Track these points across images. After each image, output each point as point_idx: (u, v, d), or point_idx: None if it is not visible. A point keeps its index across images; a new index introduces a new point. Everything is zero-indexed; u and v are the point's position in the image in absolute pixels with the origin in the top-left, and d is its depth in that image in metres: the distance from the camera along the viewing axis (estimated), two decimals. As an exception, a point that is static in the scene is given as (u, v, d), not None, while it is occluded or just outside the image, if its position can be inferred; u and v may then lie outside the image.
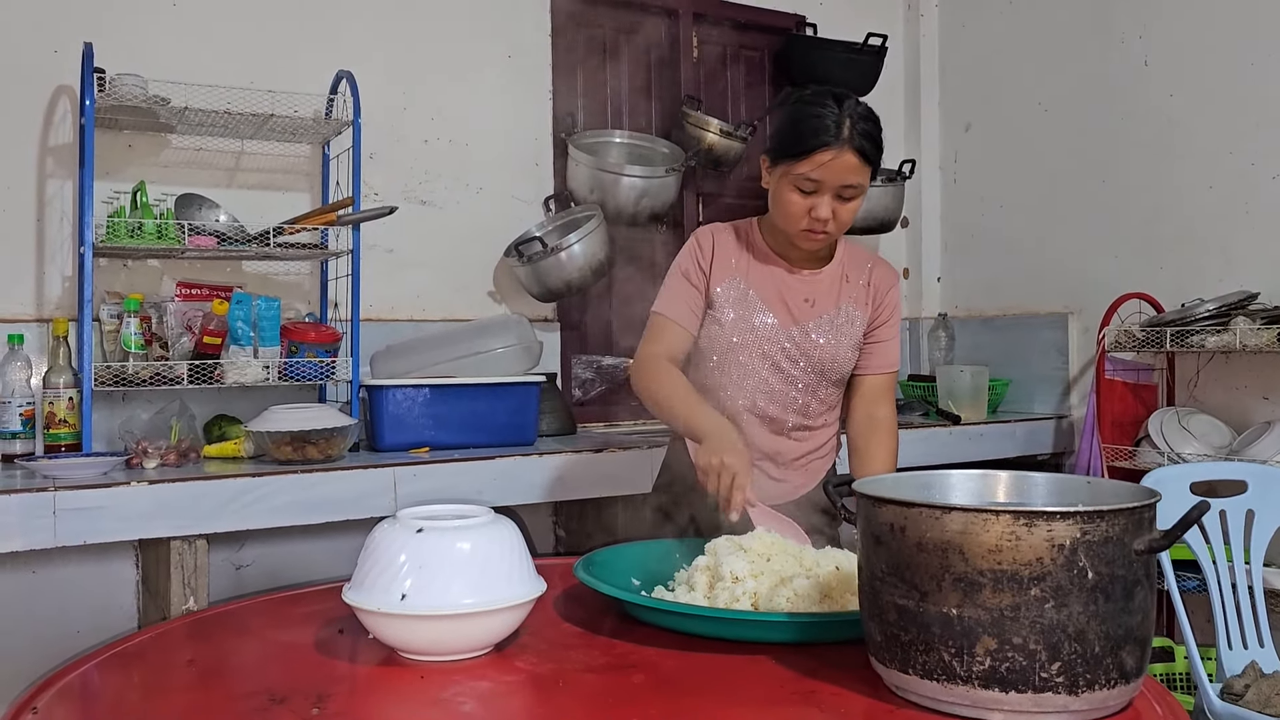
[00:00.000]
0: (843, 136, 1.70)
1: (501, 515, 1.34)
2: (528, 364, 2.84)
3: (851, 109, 1.72)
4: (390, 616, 1.23)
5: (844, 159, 1.71)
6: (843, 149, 1.70)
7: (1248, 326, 2.81)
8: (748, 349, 1.85)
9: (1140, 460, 3.03)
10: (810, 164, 1.71)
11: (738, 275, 1.87)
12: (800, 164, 1.72)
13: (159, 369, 2.47)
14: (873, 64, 3.70)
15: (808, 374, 1.87)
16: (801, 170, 1.72)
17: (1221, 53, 3.13)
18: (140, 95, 2.51)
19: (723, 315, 1.86)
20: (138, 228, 2.49)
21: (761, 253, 1.89)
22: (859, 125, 1.71)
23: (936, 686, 1.06)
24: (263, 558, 2.83)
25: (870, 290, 1.90)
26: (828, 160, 1.70)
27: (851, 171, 1.72)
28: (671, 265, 1.93)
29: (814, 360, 1.86)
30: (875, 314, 1.90)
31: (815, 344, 1.85)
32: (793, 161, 1.73)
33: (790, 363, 1.86)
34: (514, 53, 3.28)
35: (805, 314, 1.86)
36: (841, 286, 1.88)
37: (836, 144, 1.70)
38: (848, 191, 1.74)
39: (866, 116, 1.73)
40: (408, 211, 3.04)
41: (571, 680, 1.21)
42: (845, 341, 1.87)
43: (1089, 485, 1.23)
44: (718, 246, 1.89)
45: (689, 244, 1.92)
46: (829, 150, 1.70)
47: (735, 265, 1.88)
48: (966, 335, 3.90)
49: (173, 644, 1.43)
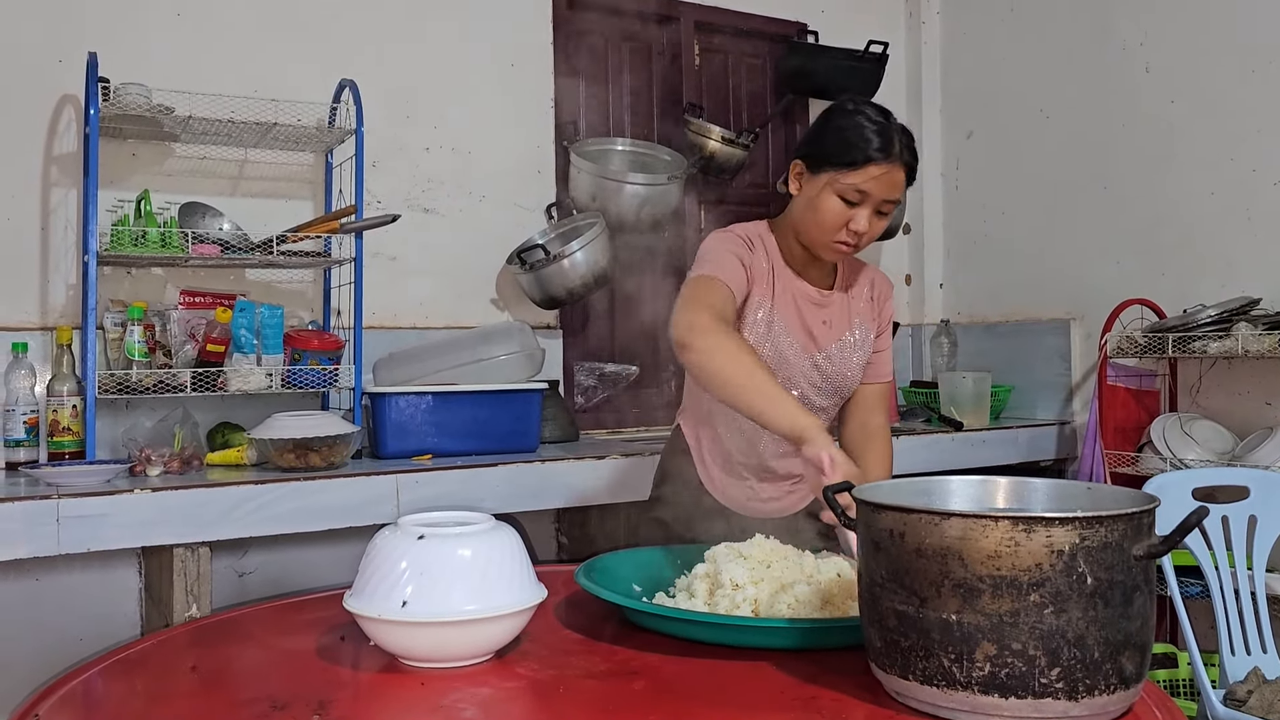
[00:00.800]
0: (894, 151, 1.68)
1: (502, 522, 1.35)
2: (530, 371, 2.85)
3: (897, 124, 1.72)
4: (391, 623, 1.24)
5: (894, 174, 1.69)
6: (895, 164, 1.69)
7: (1249, 332, 2.81)
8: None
9: (1143, 466, 3.03)
10: (862, 175, 1.68)
11: (765, 298, 1.80)
12: (851, 174, 1.68)
13: (162, 377, 2.48)
14: (874, 71, 3.70)
15: (827, 395, 1.86)
16: (852, 180, 1.68)
17: (1222, 59, 3.14)
18: (144, 104, 2.53)
19: (747, 335, 1.79)
20: (141, 236, 2.50)
21: (781, 270, 1.83)
22: (905, 140, 1.71)
23: (936, 692, 1.07)
24: (266, 565, 2.84)
25: (875, 305, 1.90)
26: (880, 174, 1.68)
27: (896, 188, 1.71)
28: (710, 244, 1.78)
29: (834, 381, 1.85)
30: (878, 326, 1.90)
31: (834, 365, 1.84)
32: (843, 170, 1.69)
33: (812, 388, 1.84)
34: (516, 61, 3.30)
35: (826, 337, 1.84)
36: (851, 304, 1.87)
37: (889, 158, 1.68)
38: (887, 206, 1.72)
39: (907, 132, 1.73)
40: (410, 219, 3.05)
41: (572, 686, 1.22)
42: (857, 360, 1.86)
43: (1089, 491, 1.23)
44: (756, 253, 1.79)
45: (731, 236, 1.79)
46: (884, 164, 1.68)
47: (765, 279, 1.80)
48: (969, 341, 3.90)
49: (175, 651, 1.43)
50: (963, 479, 1.28)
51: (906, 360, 4.05)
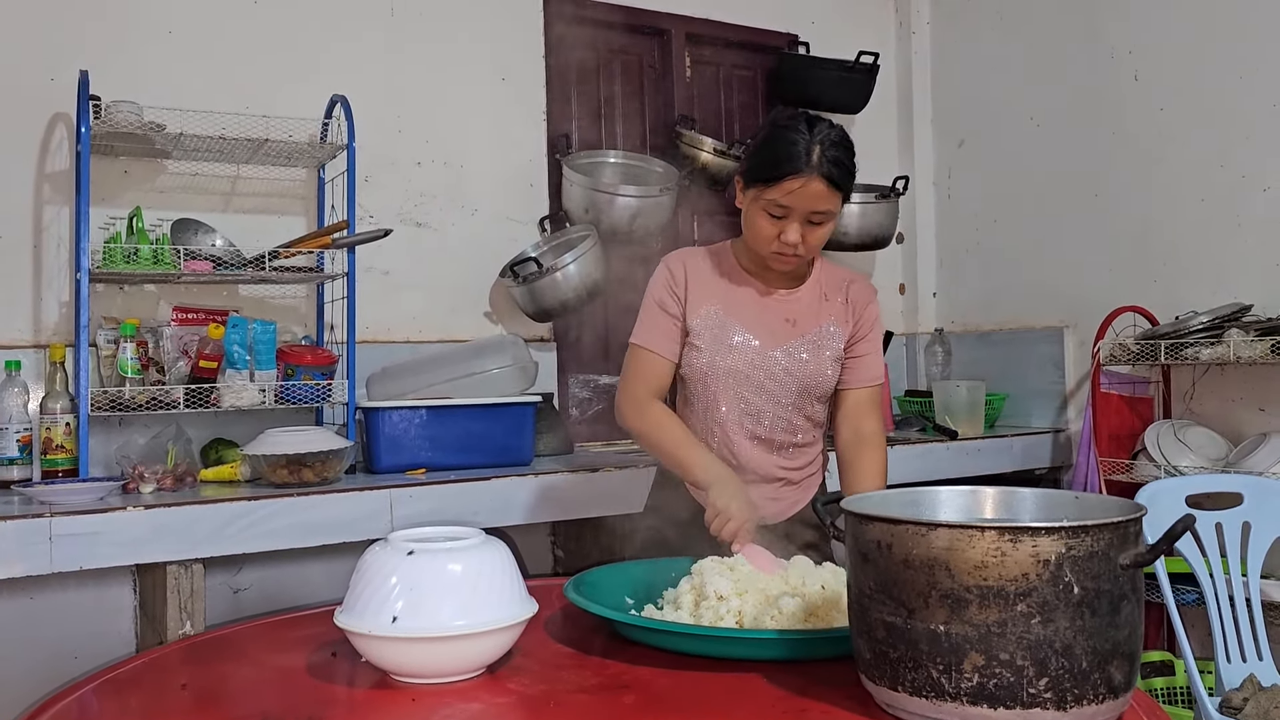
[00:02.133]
0: (811, 164, 1.71)
1: (493, 537, 1.35)
2: (523, 384, 2.85)
3: (823, 135, 1.73)
4: (382, 639, 1.24)
5: (812, 187, 1.72)
6: (811, 176, 1.71)
7: (1241, 338, 2.82)
8: (731, 373, 1.86)
9: (1138, 474, 3.03)
10: (779, 190, 1.73)
11: (715, 301, 1.88)
12: (770, 190, 1.73)
13: (155, 393, 2.48)
14: (865, 82, 3.72)
15: (792, 393, 1.88)
16: (771, 196, 1.74)
17: (1210, 66, 3.15)
18: (136, 122, 2.53)
19: (703, 342, 1.87)
20: (134, 253, 2.51)
21: (737, 275, 1.90)
22: (829, 152, 1.72)
23: (925, 704, 1.07)
24: (261, 581, 2.83)
25: (849, 307, 1.91)
26: (796, 188, 1.72)
27: (820, 199, 1.73)
28: (645, 295, 1.93)
29: (798, 379, 1.87)
30: (855, 329, 1.91)
31: (798, 363, 1.86)
32: (763, 187, 1.75)
33: (775, 383, 1.87)
34: (508, 75, 3.31)
35: (787, 334, 1.88)
36: (821, 305, 1.90)
37: (805, 171, 1.71)
38: (816, 217, 1.76)
39: (838, 143, 1.74)
40: (403, 234, 3.06)
41: (563, 701, 1.22)
42: (827, 358, 1.88)
43: (1076, 500, 1.23)
44: (690, 272, 1.90)
45: (660, 272, 1.92)
46: (798, 178, 1.71)
47: (711, 290, 1.89)
48: (963, 350, 3.90)
49: (167, 668, 1.43)
50: (951, 489, 1.28)
51: (901, 369, 4.05)
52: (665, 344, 1.88)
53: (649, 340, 1.89)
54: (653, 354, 1.88)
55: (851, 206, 3.60)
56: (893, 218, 3.72)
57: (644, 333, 1.90)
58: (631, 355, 1.91)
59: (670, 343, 1.88)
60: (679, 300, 1.88)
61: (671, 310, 1.89)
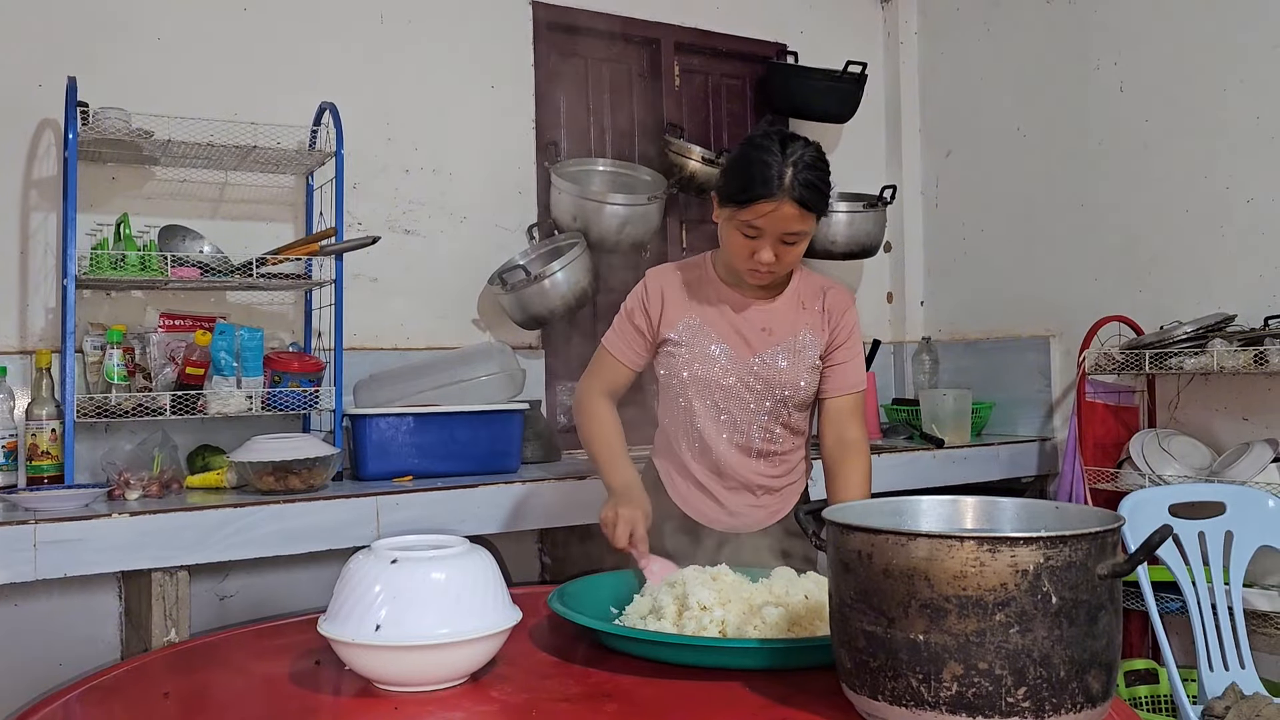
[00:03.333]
0: (783, 187, 1.71)
1: (477, 545, 1.35)
2: (511, 391, 2.85)
3: (796, 157, 1.73)
4: (365, 648, 1.24)
5: (783, 210, 1.73)
6: (782, 200, 1.72)
7: (1225, 348, 2.84)
8: (708, 382, 1.88)
9: (1123, 483, 3.04)
10: (751, 213, 1.74)
11: (691, 313, 1.91)
12: (742, 211, 1.75)
13: (141, 400, 2.47)
14: (853, 91, 3.74)
15: (770, 401, 1.89)
16: (744, 217, 1.75)
17: (1194, 78, 3.18)
18: (123, 129, 2.53)
19: (681, 351, 1.89)
20: (121, 259, 2.50)
21: (714, 286, 1.92)
22: (801, 175, 1.72)
23: (905, 713, 1.07)
24: (247, 588, 2.83)
25: (825, 315, 1.92)
26: (768, 211, 1.73)
27: (791, 221, 1.74)
28: (623, 304, 1.99)
29: (774, 386, 1.88)
30: (832, 337, 1.91)
31: (775, 370, 1.87)
32: (735, 208, 1.76)
33: (751, 392, 1.88)
34: (496, 82, 3.32)
35: (763, 342, 1.89)
36: (799, 313, 1.91)
37: (777, 195, 1.71)
38: (789, 238, 1.77)
39: (811, 164, 1.74)
40: (391, 241, 3.06)
41: (545, 710, 1.22)
42: (804, 366, 1.89)
43: (1056, 510, 1.24)
44: (666, 289, 1.93)
45: (638, 287, 1.97)
46: (769, 201, 1.72)
47: (687, 304, 1.91)
48: (950, 359, 3.92)
49: (149, 677, 1.42)
50: (933, 499, 1.29)
51: (888, 378, 4.06)
52: (627, 352, 1.95)
53: (613, 345, 1.97)
54: (614, 358, 1.96)
55: (840, 215, 3.61)
56: (880, 227, 3.74)
57: (611, 336, 1.98)
58: (597, 354, 2.00)
59: (631, 352, 1.95)
60: (649, 317, 1.93)
61: (638, 323, 1.94)
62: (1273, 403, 2.97)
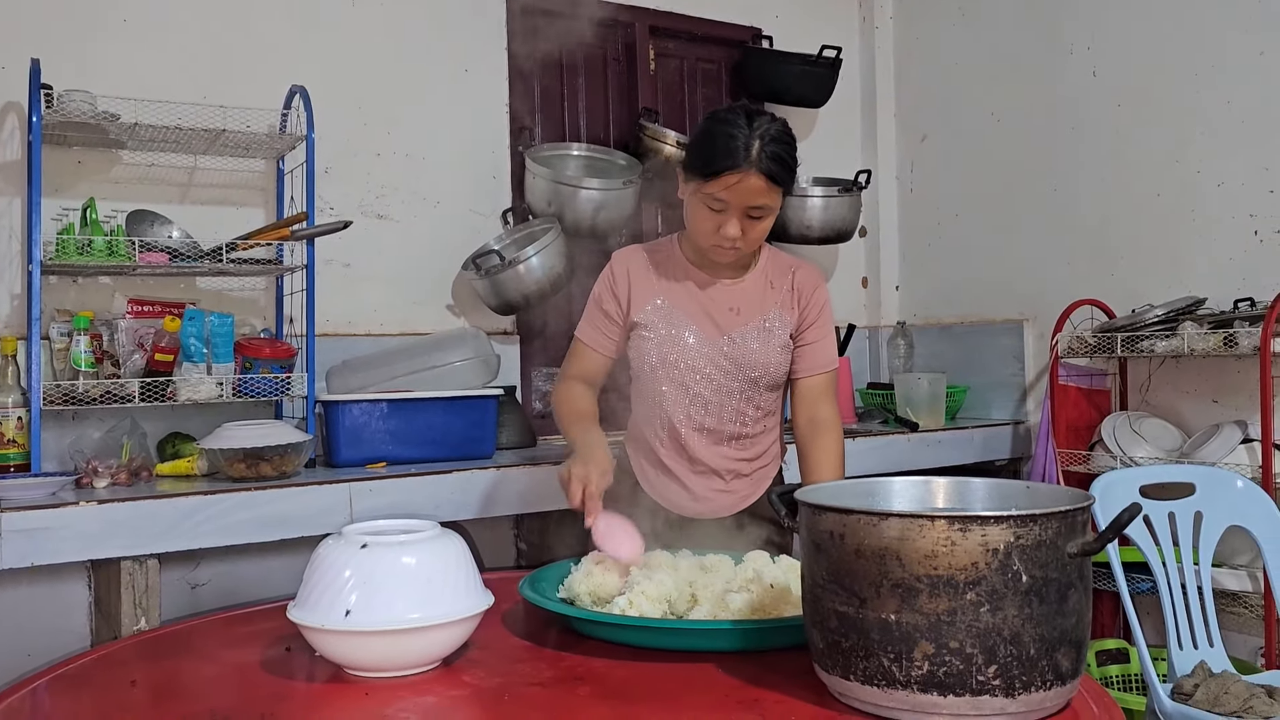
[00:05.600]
0: (750, 158, 1.71)
1: (448, 530, 1.34)
2: (485, 377, 2.84)
3: (763, 129, 1.72)
4: (335, 633, 1.23)
5: (750, 181, 1.72)
6: (749, 171, 1.71)
7: (1195, 331, 2.86)
8: (677, 364, 1.87)
9: (1095, 464, 3.07)
10: (718, 185, 1.73)
11: (658, 294, 1.90)
12: (708, 184, 1.74)
13: (110, 387, 2.44)
14: (828, 76, 3.73)
15: (740, 382, 1.88)
16: (709, 190, 1.74)
17: (1165, 64, 3.19)
18: (89, 111, 2.49)
19: (649, 334, 1.89)
20: (87, 245, 2.47)
21: (681, 266, 1.91)
22: (768, 147, 1.72)
23: (877, 692, 1.08)
24: (219, 576, 2.80)
25: (795, 294, 1.91)
26: (734, 182, 1.72)
27: (758, 194, 1.73)
28: (591, 290, 1.98)
29: (744, 367, 1.87)
30: (802, 316, 1.91)
31: (745, 351, 1.87)
32: (702, 180, 1.75)
33: (721, 373, 1.88)
34: (470, 66, 3.29)
35: (732, 323, 1.88)
36: (767, 293, 1.90)
37: (743, 166, 1.71)
38: (755, 211, 1.76)
39: (778, 138, 1.74)
40: (364, 226, 3.03)
41: (517, 694, 1.21)
42: (774, 346, 1.88)
43: (1027, 490, 1.24)
44: (633, 270, 1.92)
45: (605, 271, 1.96)
46: (736, 173, 1.71)
47: (655, 285, 1.90)
48: (925, 343, 3.93)
49: (116, 665, 1.41)
50: (905, 480, 1.29)
51: (864, 362, 4.08)
52: (600, 339, 1.95)
53: (585, 334, 1.97)
54: (585, 346, 1.96)
55: (815, 200, 3.61)
56: (855, 211, 3.74)
57: (583, 326, 1.98)
58: (572, 346, 2.00)
59: (604, 338, 1.95)
60: (617, 300, 1.92)
61: (608, 309, 1.93)
62: (1242, 385, 3.00)
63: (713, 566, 1.53)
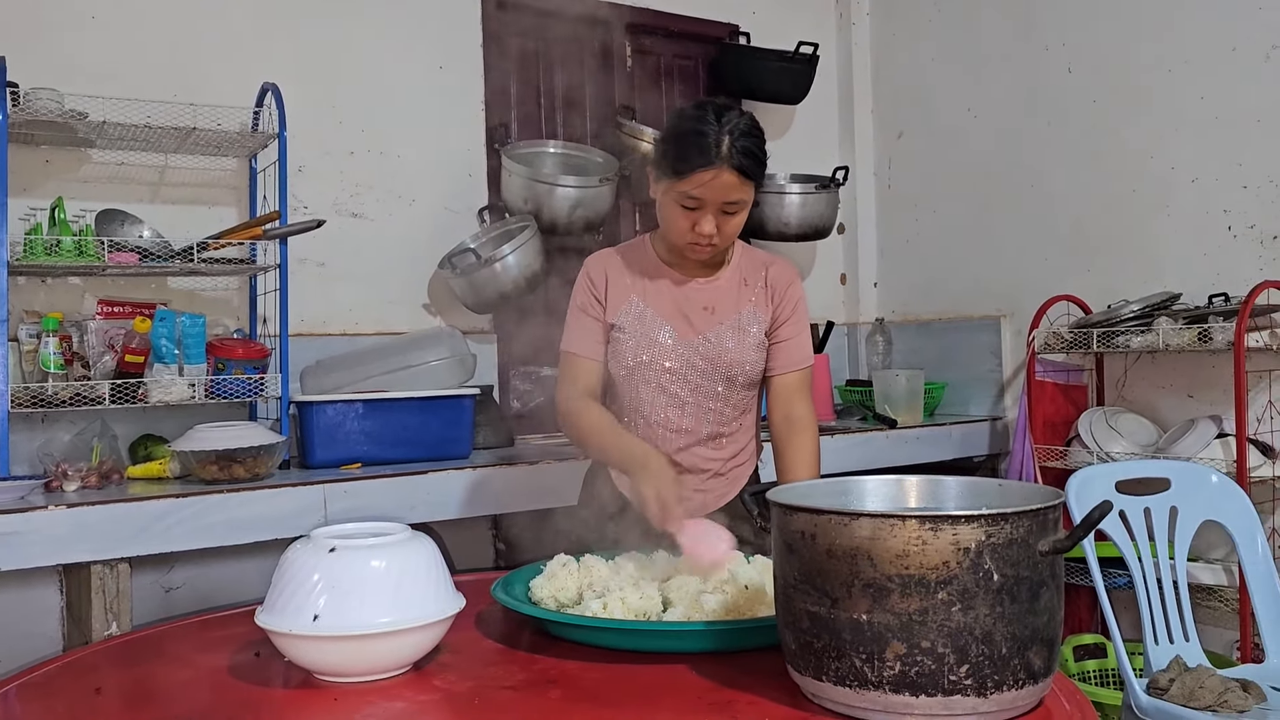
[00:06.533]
0: (721, 155, 1.70)
1: (419, 532, 1.33)
2: (462, 377, 2.82)
3: (732, 125, 1.72)
4: (302, 638, 1.21)
5: (723, 178, 1.71)
6: (721, 168, 1.70)
7: (1170, 327, 2.87)
8: (654, 366, 1.86)
9: (1072, 460, 3.08)
10: (690, 183, 1.72)
11: (633, 295, 1.88)
12: (681, 183, 1.73)
13: (79, 389, 2.41)
14: (805, 72, 3.73)
15: (716, 381, 1.87)
16: (683, 189, 1.73)
17: (1140, 60, 3.21)
18: (56, 109, 2.46)
19: (625, 337, 1.87)
20: (56, 245, 2.44)
21: (654, 267, 1.90)
22: (739, 143, 1.71)
23: (849, 693, 1.07)
24: (194, 579, 2.77)
25: (769, 291, 1.90)
26: (708, 180, 1.71)
27: (732, 189, 1.73)
28: (570, 302, 1.93)
29: (720, 366, 1.86)
30: (776, 312, 1.90)
31: (720, 350, 1.86)
32: (674, 180, 1.74)
33: (697, 373, 1.87)
34: (445, 63, 3.26)
35: (707, 322, 1.87)
36: (741, 290, 1.89)
37: (716, 163, 1.70)
38: (730, 207, 1.75)
39: (748, 132, 1.73)
40: (339, 224, 3.01)
41: (488, 698, 1.20)
42: (749, 344, 1.87)
43: (1000, 488, 1.24)
44: (609, 273, 1.90)
45: (580, 277, 1.93)
46: (708, 170, 1.70)
47: (629, 286, 1.89)
48: (903, 340, 3.94)
49: (82, 672, 1.39)
50: (878, 479, 1.29)
51: (842, 359, 4.08)
52: (593, 347, 1.90)
53: (576, 345, 1.91)
54: (581, 358, 1.90)
55: (793, 197, 3.61)
56: (833, 208, 3.74)
57: (571, 338, 1.92)
58: (563, 362, 1.92)
59: (596, 344, 1.90)
60: (599, 303, 1.90)
61: (593, 314, 1.90)
62: (1216, 380, 3.01)
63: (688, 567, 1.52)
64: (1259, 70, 2.93)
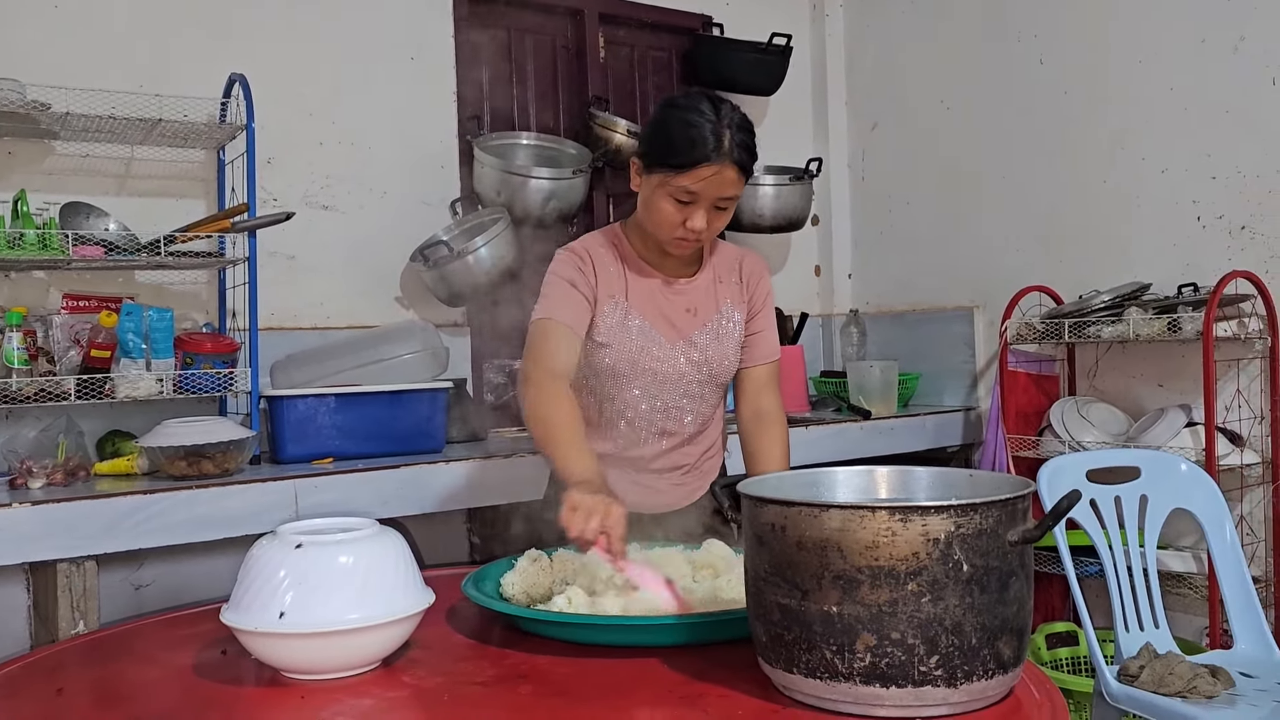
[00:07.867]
0: (724, 150, 1.65)
1: (387, 527, 1.31)
2: (434, 370, 2.80)
3: (730, 119, 1.68)
4: (269, 636, 1.20)
5: (724, 173, 1.67)
6: (724, 163, 1.66)
7: (1140, 317, 2.89)
8: (636, 368, 1.81)
9: (1044, 450, 3.10)
10: (691, 178, 1.66)
11: (616, 295, 1.80)
12: (680, 177, 1.67)
13: (44, 385, 2.37)
14: (779, 63, 3.73)
15: (699, 383, 1.85)
16: (681, 183, 1.67)
17: (1110, 52, 3.22)
18: (18, 100, 2.41)
19: (605, 338, 1.80)
20: (18, 238, 2.40)
21: (636, 265, 1.83)
22: (738, 137, 1.67)
23: (820, 685, 1.07)
24: (164, 576, 2.74)
25: (743, 285, 1.88)
26: (709, 175, 1.66)
27: (730, 185, 1.68)
28: (549, 276, 1.81)
29: (705, 368, 1.84)
30: (750, 306, 1.88)
31: (705, 355, 1.83)
32: (671, 173, 1.67)
33: (681, 375, 1.83)
34: (416, 54, 3.24)
35: (689, 325, 1.83)
36: (717, 288, 1.87)
37: (718, 158, 1.65)
38: (723, 203, 1.71)
39: (743, 126, 1.69)
40: (309, 217, 2.97)
41: (458, 694, 1.19)
42: (731, 345, 1.86)
43: (970, 479, 1.24)
44: (597, 264, 1.81)
45: (568, 256, 1.82)
46: (711, 165, 1.65)
47: (614, 283, 1.81)
48: (877, 331, 3.95)
49: (46, 671, 1.36)
50: (848, 470, 1.28)
51: (817, 350, 4.08)
52: (575, 316, 1.76)
53: (557, 311, 1.75)
54: (562, 325, 1.74)
55: (767, 189, 3.60)
56: (807, 200, 3.74)
57: (551, 305, 1.76)
58: (537, 330, 1.76)
59: (580, 316, 1.77)
60: (590, 283, 1.80)
61: (584, 290, 1.78)
62: (1186, 369, 3.04)
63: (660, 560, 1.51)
64: (1228, 61, 2.95)
